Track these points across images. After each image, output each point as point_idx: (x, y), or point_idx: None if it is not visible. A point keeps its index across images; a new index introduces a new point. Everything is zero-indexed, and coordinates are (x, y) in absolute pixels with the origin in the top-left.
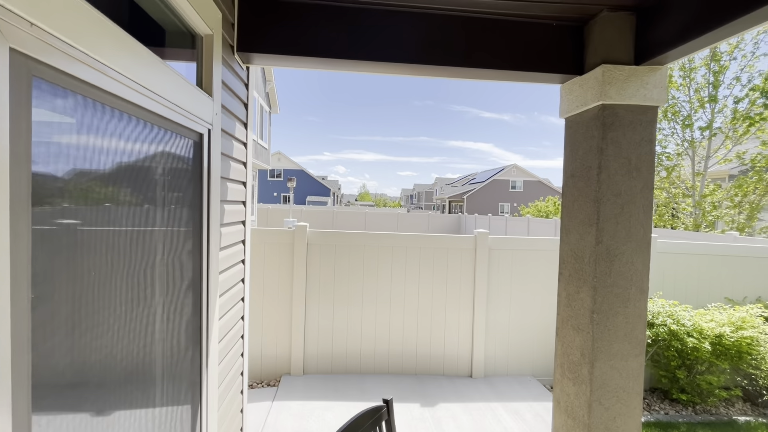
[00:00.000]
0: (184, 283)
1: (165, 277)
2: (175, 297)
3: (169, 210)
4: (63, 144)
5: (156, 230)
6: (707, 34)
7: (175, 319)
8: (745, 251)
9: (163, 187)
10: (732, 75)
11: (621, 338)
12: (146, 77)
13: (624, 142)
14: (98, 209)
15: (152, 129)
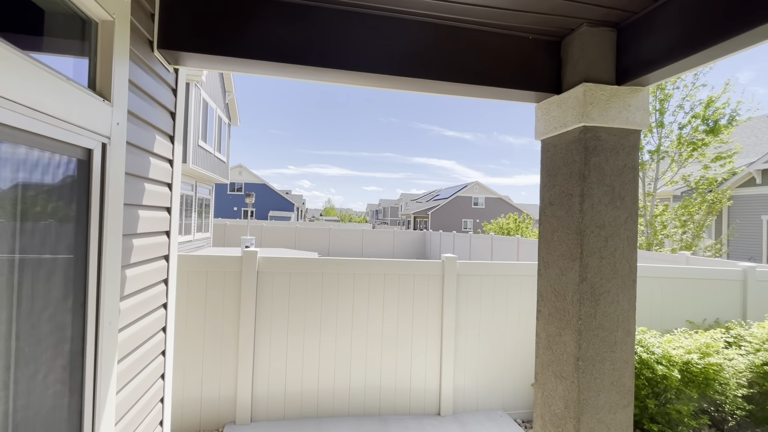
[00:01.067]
0: (51, 351)
1: (23, 345)
2: (35, 371)
3: (30, 262)
4: None
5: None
6: (693, 55)
7: (31, 406)
8: (701, 274)
9: (18, 229)
10: (676, 103)
11: (608, 387)
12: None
13: (607, 168)
14: None
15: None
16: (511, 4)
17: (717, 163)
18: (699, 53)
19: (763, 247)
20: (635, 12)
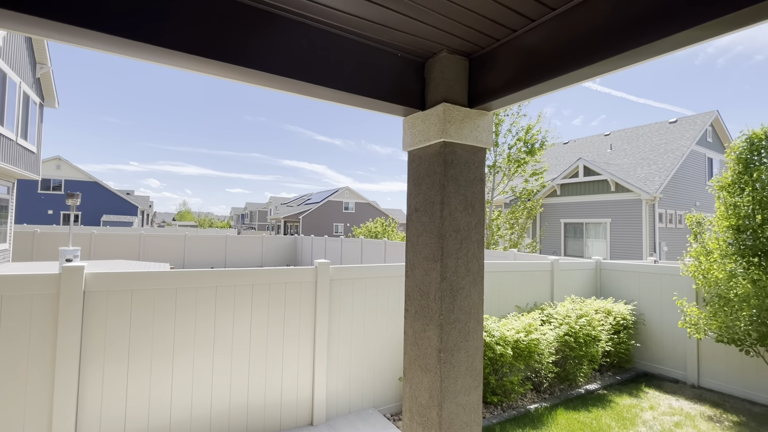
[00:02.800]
0: None
1: None
2: None
3: None
4: None
5: None
6: (522, 90)
7: None
8: (525, 267)
9: None
10: (506, 127)
11: (464, 373)
12: None
13: (462, 179)
14: None
15: None
16: (383, 20)
17: (533, 178)
18: (527, 89)
19: (562, 243)
20: (482, 47)
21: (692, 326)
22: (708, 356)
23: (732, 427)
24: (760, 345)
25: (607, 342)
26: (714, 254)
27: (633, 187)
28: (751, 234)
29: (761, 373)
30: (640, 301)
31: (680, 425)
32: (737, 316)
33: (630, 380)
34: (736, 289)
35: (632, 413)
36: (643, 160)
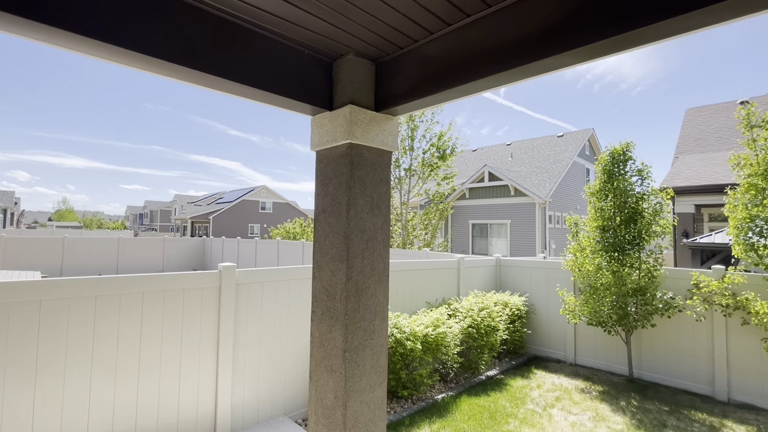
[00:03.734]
0: None
1: None
2: None
3: None
4: None
5: None
6: (426, 97)
7: None
8: (435, 265)
9: None
10: (421, 133)
11: (369, 371)
12: None
13: (368, 181)
14: None
15: None
16: (291, 17)
17: (445, 182)
18: (429, 96)
19: (470, 242)
20: (388, 53)
21: (570, 313)
22: (582, 338)
23: (598, 396)
24: (618, 325)
25: (504, 331)
26: (586, 250)
27: (528, 192)
28: (612, 233)
29: (619, 349)
30: (531, 293)
31: (560, 399)
32: (602, 302)
33: (523, 364)
34: (602, 279)
35: (523, 393)
36: (537, 168)
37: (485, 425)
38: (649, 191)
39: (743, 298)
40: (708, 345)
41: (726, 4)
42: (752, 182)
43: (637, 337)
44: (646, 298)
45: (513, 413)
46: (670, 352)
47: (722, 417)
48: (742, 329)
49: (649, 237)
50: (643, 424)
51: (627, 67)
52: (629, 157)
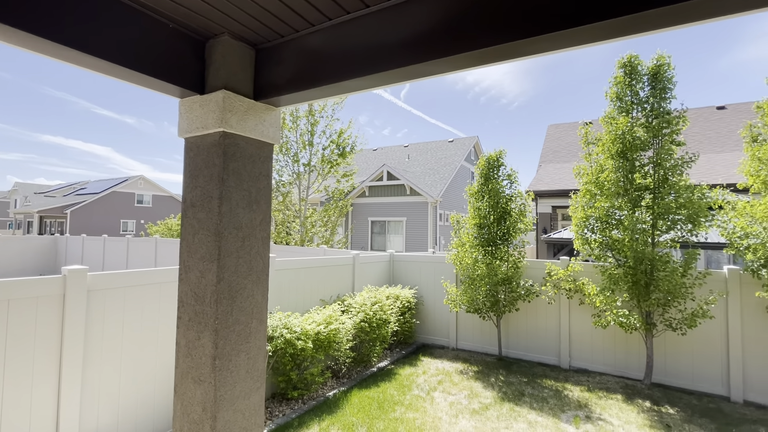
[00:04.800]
0: None
1: None
2: None
3: None
4: None
5: None
6: (308, 90)
7: None
8: (331, 262)
9: None
10: (321, 129)
11: (244, 377)
12: None
13: (245, 174)
14: None
15: None
16: None
17: (345, 179)
18: (311, 89)
19: (369, 239)
20: (268, 40)
21: (452, 302)
22: (462, 324)
23: (473, 376)
24: (491, 311)
25: (395, 323)
26: (466, 245)
27: (422, 191)
28: (487, 230)
29: (491, 332)
30: (420, 286)
31: (442, 382)
32: (478, 291)
33: (412, 353)
34: (478, 271)
35: (410, 380)
36: (430, 169)
37: (373, 415)
38: (516, 194)
39: (580, 283)
40: (556, 323)
41: (583, 29)
42: (588, 188)
43: (506, 320)
44: (512, 286)
45: (400, 400)
46: (530, 331)
47: (564, 381)
48: (580, 308)
49: (516, 233)
50: (507, 395)
51: (507, 83)
52: (501, 163)
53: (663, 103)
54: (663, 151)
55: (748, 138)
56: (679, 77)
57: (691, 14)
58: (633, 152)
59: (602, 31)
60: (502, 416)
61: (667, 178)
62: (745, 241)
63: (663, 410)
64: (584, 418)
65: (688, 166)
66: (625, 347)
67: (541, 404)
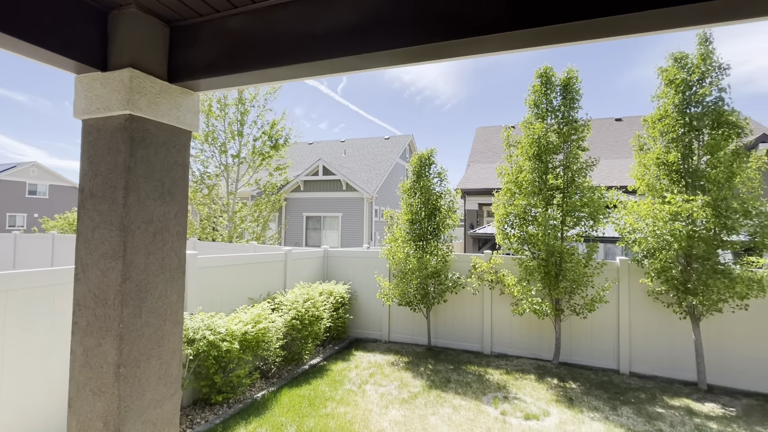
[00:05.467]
0: None
1: None
2: None
3: None
4: None
5: None
6: (230, 75)
7: None
8: (261, 258)
9: None
10: (252, 119)
11: (155, 383)
12: None
13: (157, 162)
14: None
15: None
16: None
17: (278, 173)
18: (234, 74)
19: (304, 234)
20: (185, 17)
21: (385, 296)
22: (394, 317)
23: (404, 367)
24: (421, 303)
25: (328, 319)
26: (399, 240)
27: (358, 187)
28: (419, 225)
29: (422, 324)
30: (354, 281)
31: (373, 375)
32: (410, 285)
33: (345, 348)
34: (409, 265)
35: (342, 375)
36: (366, 165)
37: (304, 413)
38: (445, 191)
39: (501, 274)
40: (480, 312)
41: (501, 36)
42: (508, 187)
43: (435, 312)
44: (441, 279)
45: (332, 396)
46: (457, 321)
47: (486, 366)
48: (500, 298)
49: (445, 229)
50: (435, 383)
51: (441, 85)
52: (432, 162)
53: (572, 112)
54: (571, 155)
55: (637, 147)
56: (585, 90)
57: (594, 31)
58: (547, 155)
59: (521, 40)
60: (429, 403)
61: (574, 180)
62: (632, 236)
63: (567, 386)
64: (502, 398)
65: (591, 169)
66: (538, 332)
67: (465, 389)
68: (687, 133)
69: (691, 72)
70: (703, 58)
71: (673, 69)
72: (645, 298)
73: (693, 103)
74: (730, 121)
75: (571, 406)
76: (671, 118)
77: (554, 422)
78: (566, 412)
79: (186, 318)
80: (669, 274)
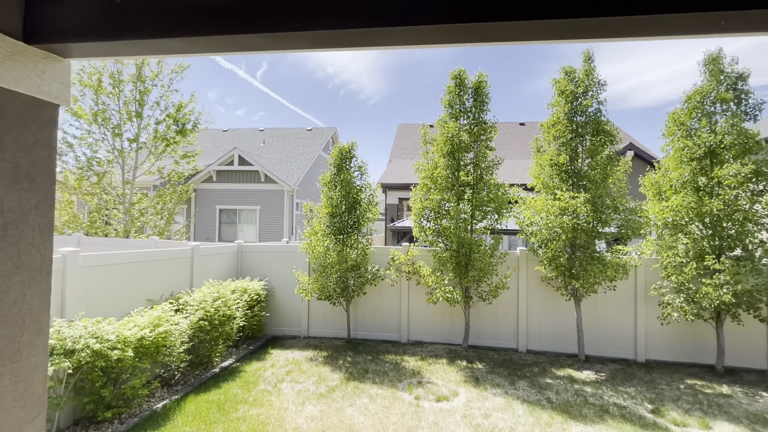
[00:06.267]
0: None
1: None
2: None
3: None
4: None
5: None
6: (116, 41)
7: None
8: (163, 255)
9: None
10: (154, 99)
11: (9, 407)
12: None
13: (9, 140)
14: None
15: None
16: None
17: (185, 161)
18: (121, 41)
19: (217, 229)
20: None
21: (304, 291)
22: (314, 312)
23: (323, 361)
24: (341, 297)
25: (242, 318)
26: (318, 234)
27: (278, 179)
28: (339, 219)
29: (342, 317)
30: (271, 277)
31: (290, 372)
32: (330, 278)
33: (261, 347)
34: (329, 258)
35: (257, 375)
36: (287, 157)
37: (212, 420)
38: (366, 185)
39: (417, 266)
40: (398, 303)
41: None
42: (425, 182)
43: (354, 304)
44: (360, 272)
45: (244, 398)
46: (376, 312)
47: (403, 354)
48: (417, 288)
49: (365, 222)
50: (353, 375)
51: (365, 80)
52: (353, 155)
53: (482, 114)
54: (480, 154)
55: (535, 149)
56: (497, 95)
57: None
58: (459, 153)
59: (435, 35)
60: (347, 395)
61: (482, 177)
62: (530, 228)
63: (474, 366)
64: (416, 383)
65: (497, 167)
66: (450, 319)
67: (382, 378)
68: (574, 139)
69: (577, 85)
70: (587, 73)
71: (564, 81)
72: (539, 283)
73: (579, 112)
74: (606, 129)
75: (477, 385)
76: (562, 125)
77: (462, 401)
78: (473, 390)
79: (62, 326)
80: (558, 261)
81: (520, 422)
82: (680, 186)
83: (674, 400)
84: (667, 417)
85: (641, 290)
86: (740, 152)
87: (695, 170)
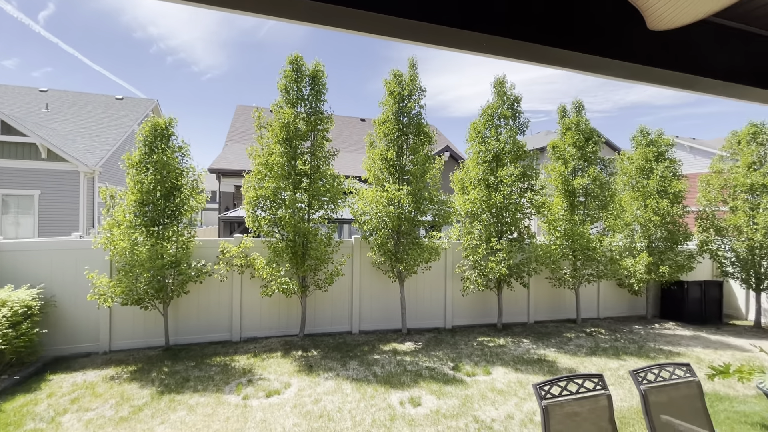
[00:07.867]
0: None
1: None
2: None
3: None
4: None
5: None
6: None
7: None
8: None
9: None
10: None
11: None
12: None
13: None
14: None
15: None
16: None
17: None
18: None
19: None
20: None
21: (102, 296)
22: (118, 321)
23: (128, 378)
24: (156, 299)
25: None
26: (122, 226)
27: (71, 157)
28: (152, 207)
29: (157, 322)
30: (52, 282)
31: (78, 399)
32: (139, 279)
33: (33, 374)
34: (138, 255)
35: (23, 412)
36: (85, 129)
37: None
38: (188, 168)
39: (251, 258)
40: (229, 299)
41: None
42: (259, 169)
43: (174, 306)
44: (181, 269)
45: None
46: (202, 312)
47: (234, 354)
48: (250, 282)
49: (187, 211)
50: (169, 387)
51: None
52: (172, 133)
53: (318, 104)
54: (317, 143)
55: (368, 143)
56: (345, 91)
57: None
58: (296, 141)
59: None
60: (158, 412)
61: (319, 167)
62: (362, 217)
63: (309, 354)
64: (246, 383)
65: (333, 158)
66: (287, 310)
67: (206, 384)
68: (400, 137)
69: (404, 88)
70: (412, 78)
71: (393, 83)
72: (371, 268)
73: (404, 113)
74: (425, 131)
75: (311, 372)
76: (391, 123)
77: (293, 392)
78: (305, 379)
79: None
80: (386, 247)
81: (348, 400)
82: (477, 182)
83: (468, 355)
84: (463, 370)
85: (449, 269)
86: (514, 158)
87: (486, 170)
